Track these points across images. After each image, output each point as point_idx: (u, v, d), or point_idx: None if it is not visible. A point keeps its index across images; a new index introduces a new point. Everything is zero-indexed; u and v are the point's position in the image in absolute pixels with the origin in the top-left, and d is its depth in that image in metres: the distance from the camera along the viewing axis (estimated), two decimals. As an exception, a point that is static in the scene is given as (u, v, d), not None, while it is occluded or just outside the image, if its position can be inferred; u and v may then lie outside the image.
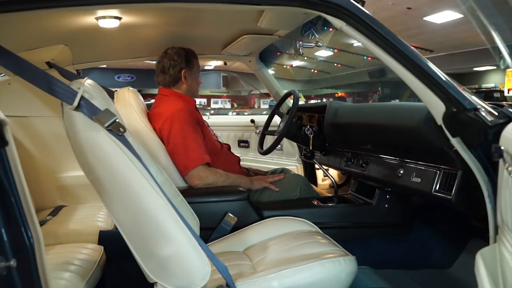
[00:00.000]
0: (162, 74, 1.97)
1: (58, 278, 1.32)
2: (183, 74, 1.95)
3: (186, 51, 1.97)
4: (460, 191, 1.35)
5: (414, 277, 1.80)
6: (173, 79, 1.95)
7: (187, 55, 1.96)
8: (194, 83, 2.00)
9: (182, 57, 1.95)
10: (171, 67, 1.94)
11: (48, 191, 2.27)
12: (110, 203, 1.14)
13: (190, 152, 1.79)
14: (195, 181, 1.79)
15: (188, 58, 1.97)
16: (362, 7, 1.17)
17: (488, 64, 11.75)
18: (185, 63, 1.95)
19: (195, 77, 2.01)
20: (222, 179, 1.84)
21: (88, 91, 1.03)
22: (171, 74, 1.94)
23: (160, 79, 1.98)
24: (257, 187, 1.97)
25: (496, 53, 4.59)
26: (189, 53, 1.98)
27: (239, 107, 17.57)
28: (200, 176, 1.79)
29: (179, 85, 1.97)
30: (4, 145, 0.75)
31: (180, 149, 1.79)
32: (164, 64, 1.95)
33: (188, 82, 1.97)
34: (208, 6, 1.36)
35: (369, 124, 1.82)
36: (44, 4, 1.06)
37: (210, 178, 1.80)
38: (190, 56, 1.98)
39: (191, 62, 1.98)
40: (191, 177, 1.80)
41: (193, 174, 1.79)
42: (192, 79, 1.99)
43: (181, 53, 1.95)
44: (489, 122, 1.05)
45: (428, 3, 7.66)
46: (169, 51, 1.96)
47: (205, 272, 1.08)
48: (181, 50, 1.97)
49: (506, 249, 0.92)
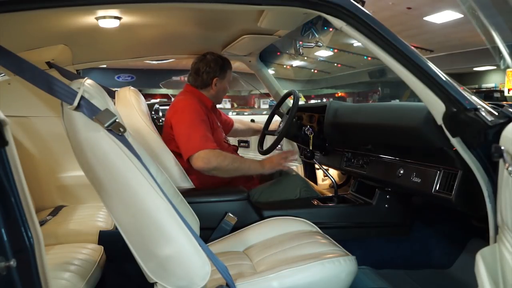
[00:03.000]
0: (195, 75, 2.06)
1: (58, 278, 1.32)
2: (214, 81, 2.03)
3: (223, 60, 2.07)
4: (460, 191, 1.35)
5: (414, 277, 1.80)
6: (204, 83, 2.04)
7: (223, 64, 2.06)
8: (221, 91, 2.10)
9: (218, 66, 2.04)
10: (205, 72, 2.03)
11: (48, 191, 2.27)
12: (110, 203, 1.14)
13: (193, 138, 1.80)
14: (199, 163, 1.75)
15: (223, 68, 2.06)
16: (362, 7, 1.17)
17: (488, 64, 11.74)
18: (219, 72, 2.04)
19: (224, 86, 2.09)
20: (227, 162, 1.79)
21: (88, 91, 1.03)
22: (204, 78, 2.03)
23: (192, 79, 2.07)
24: (268, 171, 1.93)
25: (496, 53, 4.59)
26: (226, 63, 2.08)
27: (239, 107, 17.56)
28: (203, 158, 1.75)
29: (208, 89, 2.06)
30: (4, 145, 0.74)
31: (184, 136, 1.82)
32: (200, 67, 2.04)
33: (217, 89, 2.06)
34: (208, 6, 1.36)
35: (369, 124, 1.82)
36: (44, 4, 1.06)
37: (213, 160, 1.76)
38: (226, 66, 2.07)
39: (225, 72, 2.07)
40: (195, 160, 1.77)
41: (196, 156, 1.76)
42: (220, 87, 2.08)
43: (218, 61, 2.05)
44: (489, 122, 1.05)
45: (428, 3, 7.66)
46: (208, 56, 2.05)
47: (205, 272, 1.08)
48: (219, 58, 2.06)
49: (506, 249, 0.92)
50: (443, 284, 1.80)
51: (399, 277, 1.79)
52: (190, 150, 1.78)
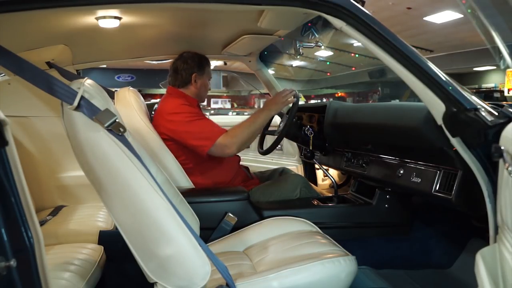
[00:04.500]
0: (174, 74, 2.05)
1: (58, 278, 1.32)
2: (193, 78, 2.02)
3: (199, 57, 2.06)
4: (460, 191, 1.35)
5: (414, 277, 1.80)
6: (184, 81, 2.03)
7: (200, 60, 2.05)
8: (202, 87, 2.07)
9: (195, 62, 2.03)
10: (184, 69, 2.02)
11: (48, 191, 2.27)
12: (110, 203, 1.14)
13: (202, 132, 1.82)
14: (222, 151, 1.80)
15: (201, 64, 2.05)
16: (362, 7, 1.17)
17: (488, 64, 11.73)
18: (197, 68, 2.03)
19: (204, 82, 2.07)
20: (244, 133, 1.82)
21: (88, 91, 1.03)
22: (183, 76, 2.02)
23: (172, 79, 2.06)
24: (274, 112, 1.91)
25: (496, 53, 4.60)
26: (203, 59, 2.07)
27: (239, 107, 17.57)
28: (223, 146, 1.79)
29: (189, 87, 2.04)
30: (4, 145, 0.74)
31: (193, 134, 1.83)
32: (178, 66, 2.04)
33: (197, 85, 2.04)
34: (208, 6, 1.36)
35: (369, 124, 1.82)
36: (44, 4, 1.06)
37: (233, 141, 1.79)
38: (203, 62, 2.07)
39: (203, 67, 2.06)
40: (216, 151, 1.80)
41: (215, 147, 1.79)
42: (201, 84, 2.05)
43: (194, 58, 2.04)
44: (489, 122, 1.05)
45: (428, 3, 7.65)
46: (184, 54, 2.05)
47: (205, 272, 1.08)
48: (196, 55, 2.05)
49: (506, 249, 0.92)
50: (443, 284, 1.80)
51: (399, 277, 1.79)
52: (205, 145, 1.80)
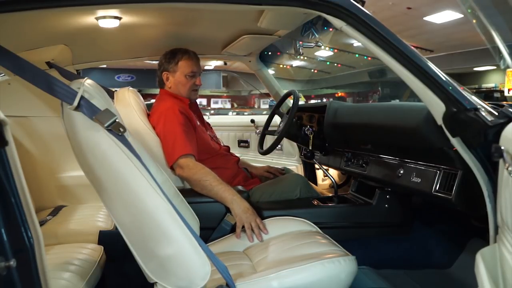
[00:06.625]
0: (156, 77, 2.06)
1: (58, 278, 1.31)
2: (165, 77, 1.99)
3: (171, 53, 1.98)
4: (460, 191, 1.35)
5: (414, 277, 1.79)
6: (159, 81, 2.04)
7: (170, 58, 1.97)
8: (179, 84, 1.98)
9: (166, 59, 1.98)
10: (158, 70, 2.03)
11: (48, 191, 2.27)
12: (110, 203, 1.14)
13: (174, 144, 1.77)
14: (178, 170, 1.76)
15: (170, 61, 1.97)
16: (362, 7, 1.17)
17: (488, 64, 11.74)
18: (167, 65, 1.98)
19: (179, 79, 1.97)
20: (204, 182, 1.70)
21: (88, 91, 1.03)
22: (158, 75, 2.03)
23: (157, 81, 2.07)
24: (232, 205, 1.66)
25: (496, 53, 4.60)
26: (175, 55, 1.97)
27: (239, 107, 17.59)
28: (181, 165, 1.74)
29: (165, 85, 2.02)
30: (4, 145, 0.74)
31: (164, 144, 1.80)
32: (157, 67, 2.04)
33: (171, 83, 1.99)
34: (208, 6, 1.36)
35: (369, 124, 1.82)
36: (44, 4, 1.06)
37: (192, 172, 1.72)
38: (173, 59, 1.97)
39: (174, 64, 1.96)
40: (176, 168, 1.77)
41: (176, 164, 1.76)
42: (175, 81, 1.98)
43: (166, 55, 1.99)
44: (489, 122, 1.05)
45: (428, 3, 7.66)
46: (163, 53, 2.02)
47: (205, 272, 1.09)
48: (168, 52, 1.99)
49: (506, 249, 0.92)
50: (443, 284, 1.79)
51: (399, 277, 1.79)
52: (170, 159, 1.77)
